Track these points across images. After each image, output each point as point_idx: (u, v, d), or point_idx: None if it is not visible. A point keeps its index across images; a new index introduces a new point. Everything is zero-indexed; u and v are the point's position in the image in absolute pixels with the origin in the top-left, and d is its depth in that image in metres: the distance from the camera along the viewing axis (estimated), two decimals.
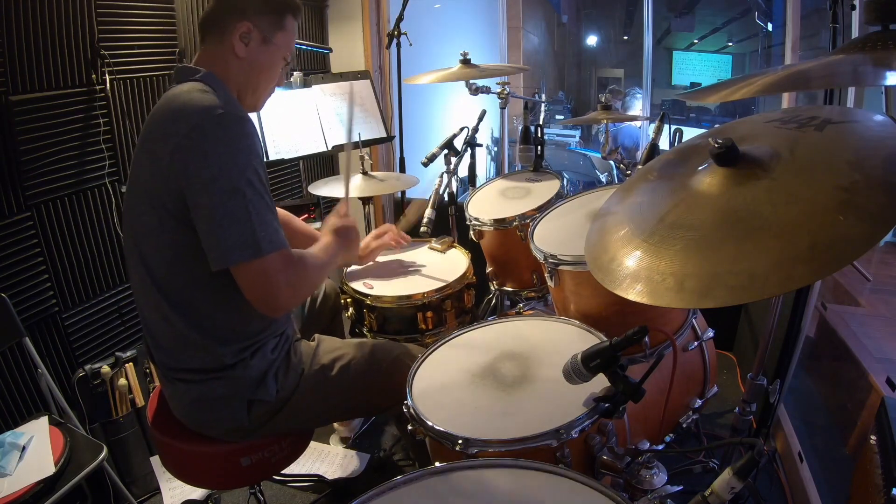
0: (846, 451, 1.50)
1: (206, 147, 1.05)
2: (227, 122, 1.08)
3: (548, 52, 7.24)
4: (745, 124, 0.98)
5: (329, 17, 3.00)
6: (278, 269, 1.09)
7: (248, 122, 1.12)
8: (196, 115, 1.07)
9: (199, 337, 1.18)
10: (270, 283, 1.09)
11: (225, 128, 1.07)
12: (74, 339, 1.86)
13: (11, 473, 1.38)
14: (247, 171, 1.07)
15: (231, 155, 1.06)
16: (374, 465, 1.97)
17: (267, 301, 1.12)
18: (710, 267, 0.74)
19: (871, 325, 1.77)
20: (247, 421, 1.24)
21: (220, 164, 1.05)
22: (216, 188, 1.05)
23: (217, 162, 1.05)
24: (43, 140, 1.71)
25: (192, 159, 1.05)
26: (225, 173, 1.05)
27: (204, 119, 1.06)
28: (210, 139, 1.06)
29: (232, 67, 1.20)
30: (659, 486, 0.93)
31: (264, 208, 1.09)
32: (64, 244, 1.81)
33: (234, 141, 1.08)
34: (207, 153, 1.05)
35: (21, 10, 1.62)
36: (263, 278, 1.09)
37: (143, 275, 1.17)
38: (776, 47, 5.71)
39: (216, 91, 1.14)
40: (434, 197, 1.87)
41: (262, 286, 1.09)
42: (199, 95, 1.11)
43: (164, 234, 1.12)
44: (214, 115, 1.07)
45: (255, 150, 1.10)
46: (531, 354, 1.23)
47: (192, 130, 1.05)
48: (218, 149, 1.06)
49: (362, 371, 1.36)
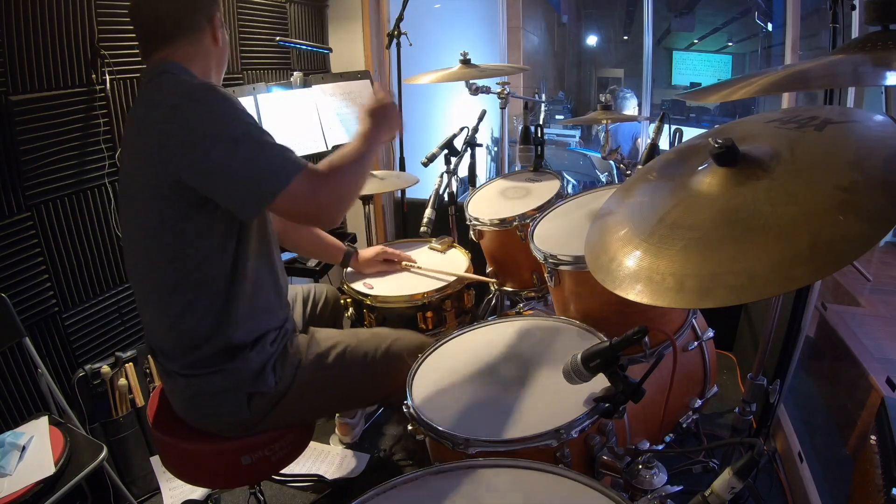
0: (846, 451, 1.50)
1: (189, 121, 1.07)
2: (198, 92, 1.10)
3: (548, 52, 7.24)
4: (745, 124, 0.98)
5: (329, 17, 2.99)
6: (307, 188, 1.11)
7: (219, 88, 1.14)
8: (168, 98, 1.10)
9: (199, 331, 1.18)
10: (309, 203, 1.12)
11: (199, 98, 1.10)
12: (74, 339, 1.86)
13: (11, 473, 1.38)
14: (235, 120, 1.09)
15: (215, 116, 1.08)
16: (374, 465, 1.97)
17: (316, 218, 1.19)
18: (710, 267, 0.74)
19: (870, 325, 1.77)
20: (247, 414, 1.25)
21: (210, 128, 1.07)
22: (215, 152, 1.06)
23: (205, 128, 1.07)
24: (43, 140, 1.71)
25: (180, 138, 1.07)
26: (218, 133, 1.07)
27: (176, 99, 1.09)
28: (189, 112, 1.08)
29: (210, 55, 1.24)
30: (659, 486, 0.93)
31: (268, 143, 1.11)
32: (64, 244, 1.81)
33: (212, 104, 1.10)
34: (193, 127, 1.07)
35: (21, 10, 1.61)
36: (302, 201, 1.11)
37: (144, 272, 1.18)
38: (776, 47, 5.71)
39: (181, 74, 1.16)
40: (434, 197, 1.87)
41: (303, 208, 1.12)
42: (167, 81, 1.13)
43: (165, 230, 1.13)
44: (184, 90, 1.10)
45: (231, 101, 1.12)
46: (531, 354, 1.23)
47: (170, 112, 1.08)
48: (201, 117, 1.08)
49: (358, 358, 1.37)
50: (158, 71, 1.16)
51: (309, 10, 2.87)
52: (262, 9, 2.59)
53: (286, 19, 2.74)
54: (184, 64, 1.19)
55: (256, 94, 2.26)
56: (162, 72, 1.15)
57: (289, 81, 2.38)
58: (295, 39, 2.73)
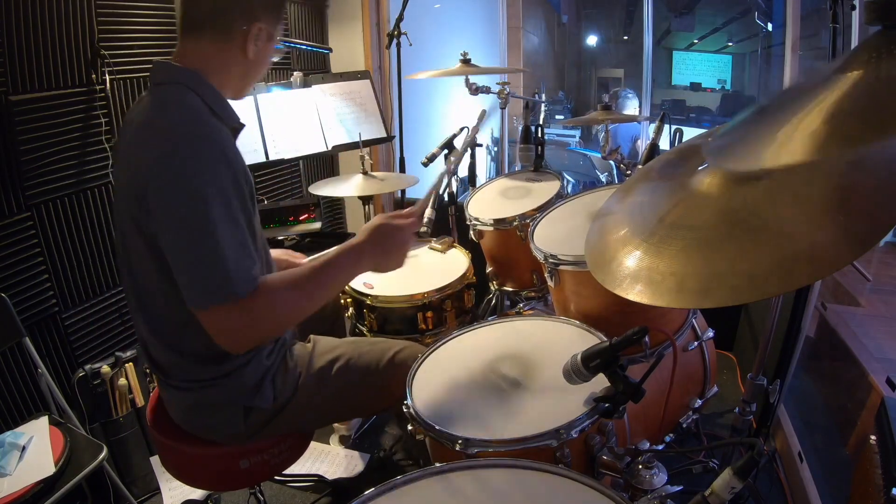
0: (846, 451, 1.50)
1: (175, 174, 0.99)
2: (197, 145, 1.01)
3: (548, 52, 7.24)
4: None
5: (329, 17, 2.99)
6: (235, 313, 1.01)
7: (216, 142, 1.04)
8: (169, 135, 1.01)
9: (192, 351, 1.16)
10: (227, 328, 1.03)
11: (195, 155, 1.00)
12: (74, 339, 1.86)
13: (11, 473, 1.38)
14: (218, 200, 1.00)
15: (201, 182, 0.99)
16: (374, 465, 1.97)
17: (226, 345, 1.06)
18: (710, 267, 0.73)
19: (871, 325, 1.77)
20: (243, 427, 1.22)
21: (187, 193, 0.98)
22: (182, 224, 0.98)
23: (184, 190, 0.98)
24: (43, 140, 1.71)
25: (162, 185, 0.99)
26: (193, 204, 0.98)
27: (174, 144, 1.00)
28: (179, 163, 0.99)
29: (233, 67, 1.13)
30: (659, 486, 0.93)
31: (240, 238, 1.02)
32: (64, 244, 1.81)
33: (205, 167, 1.00)
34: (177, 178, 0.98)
35: (21, 10, 1.61)
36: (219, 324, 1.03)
37: (135, 294, 1.15)
38: (776, 47, 5.71)
39: (201, 96, 1.08)
40: (434, 197, 1.87)
41: (218, 331, 1.04)
42: (178, 101, 1.05)
43: (150, 258, 1.06)
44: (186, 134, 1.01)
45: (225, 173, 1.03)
46: (531, 354, 1.23)
47: (168, 158, 0.99)
48: (187, 176, 0.99)
49: (360, 371, 1.34)
50: (173, 77, 1.08)
51: (309, 10, 2.87)
52: None
53: (286, 19, 2.74)
54: (203, 73, 1.09)
55: (256, 94, 2.26)
56: (176, 81, 1.07)
57: (289, 81, 2.39)
58: (295, 39, 2.73)
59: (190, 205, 0.98)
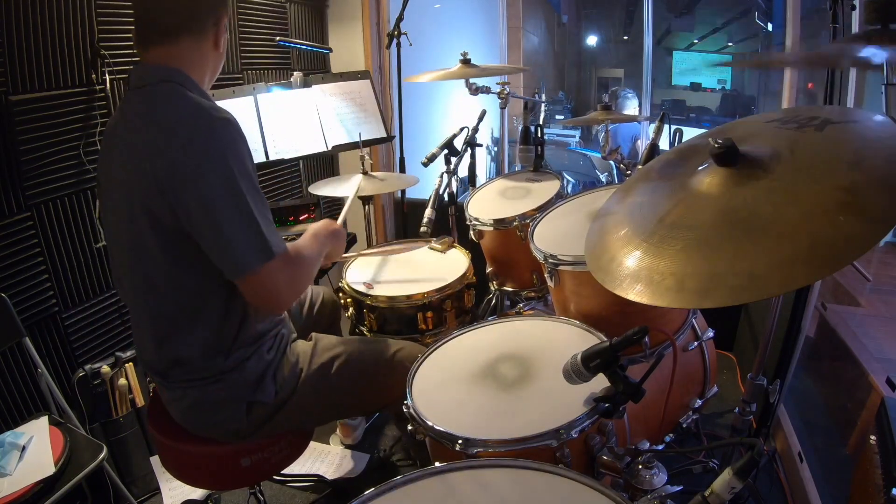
0: (846, 451, 1.50)
1: (204, 157, 1.05)
2: (217, 126, 1.07)
3: (548, 52, 7.24)
4: (746, 124, 0.98)
5: (329, 17, 2.99)
6: (280, 269, 1.11)
7: (234, 122, 1.11)
8: (183, 125, 1.06)
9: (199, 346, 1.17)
10: (275, 285, 1.12)
11: (218, 136, 1.07)
12: (74, 339, 1.86)
13: (11, 473, 1.38)
14: (243, 175, 1.07)
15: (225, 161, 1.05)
16: (374, 465, 1.97)
17: (273, 304, 1.17)
18: (710, 267, 0.74)
19: (870, 325, 1.77)
20: (246, 423, 1.24)
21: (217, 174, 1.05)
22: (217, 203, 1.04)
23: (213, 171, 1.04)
24: (43, 140, 1.71)
25: (191, 172, 1.03)
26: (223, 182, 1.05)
27: (192, 130, 1.05)
28: (204, 146, 1.05)
29: (209, 61, 1.19)
30: (659, 486, 0.93)
31: (264, 208, 1.11)
32: (64, 244, 1.81)
33: (229, 144, 1.07)
34: (206, 168, 1.04)
35: (21, 10, 1.61)
36: (269, 281, 1.10)
37: (142, 292, 1.16)
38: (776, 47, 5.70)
39: (191, 91, 1.12)
40: (434, 197, 1.87)
41: (267, 290, 1.12)
42: (176, 97, 1.09)
43: (160, 249, 1.10)
44: (202, 120, 1.07)
45: (244, 140, 1.11)
46: (531, 354, 1.23)
47: (187, 143, 1.04)
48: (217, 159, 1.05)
49: (361, 369, 1.36)
50: (160, 77, 1.10)
51: (309, 10, 2.87)
52: (262, 9, 2.59)
53: (286, 19, 2.74)
54: (186, 71, 1.13)
55: (256, 94, 2.26)
56: (165, 80, 1.10)
57: (289, 81, 2.38)
58: (295, 39, 2.73)
59: (222, 184, 1.05)
